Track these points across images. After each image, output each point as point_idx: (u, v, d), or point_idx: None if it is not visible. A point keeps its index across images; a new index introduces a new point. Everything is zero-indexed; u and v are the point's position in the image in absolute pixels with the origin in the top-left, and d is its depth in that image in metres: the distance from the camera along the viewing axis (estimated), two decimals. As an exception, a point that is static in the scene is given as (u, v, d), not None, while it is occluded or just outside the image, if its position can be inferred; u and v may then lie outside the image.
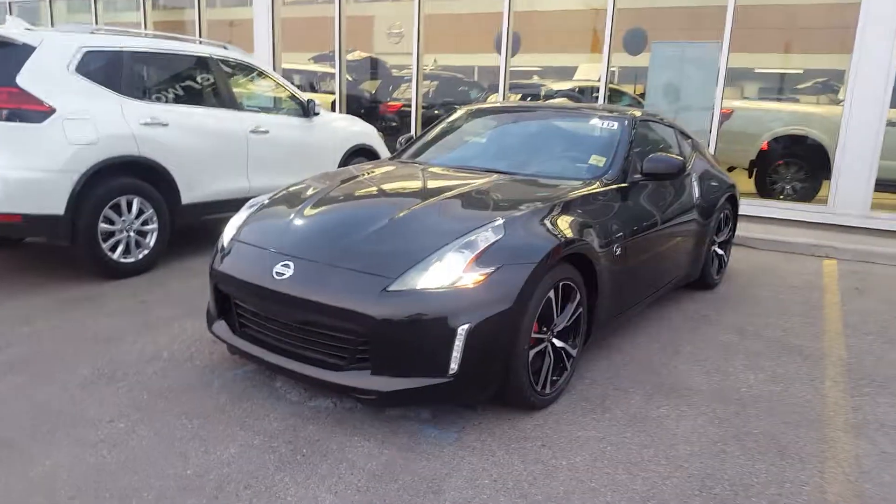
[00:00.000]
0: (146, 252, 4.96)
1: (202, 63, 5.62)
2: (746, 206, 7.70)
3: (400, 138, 4.75)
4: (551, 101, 9.35)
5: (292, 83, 6.84)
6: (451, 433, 2.73)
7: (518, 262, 2.66)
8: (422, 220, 2.93)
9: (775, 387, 3.29)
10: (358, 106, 11.71)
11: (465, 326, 2.51)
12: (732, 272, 5.56)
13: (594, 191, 3.38)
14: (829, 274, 5.68)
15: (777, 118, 8.56)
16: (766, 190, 8.45)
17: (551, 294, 2.83)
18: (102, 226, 4.65)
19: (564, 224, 2.97)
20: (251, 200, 3.56)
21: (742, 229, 6.75)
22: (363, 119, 7.72)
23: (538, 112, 4.32)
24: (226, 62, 5.84)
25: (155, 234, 5.01)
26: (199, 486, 2.33)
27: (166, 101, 5.21)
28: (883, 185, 7.30)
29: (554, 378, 3.01)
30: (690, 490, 2.39)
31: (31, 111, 4.33)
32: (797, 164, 8.32)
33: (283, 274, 2.76)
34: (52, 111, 4.37)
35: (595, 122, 3.97)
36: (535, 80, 11.52)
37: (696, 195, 4.44)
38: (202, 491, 2.30)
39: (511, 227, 2.80)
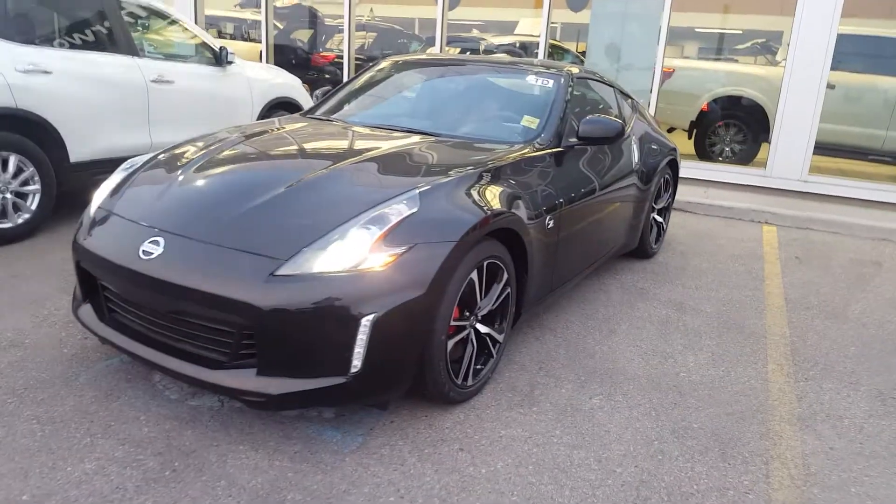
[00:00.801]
0: (27, 216, 4.34)
1: (94, 3, 4.91)
2: (686, 169, 7.51)
3: (316, 91, 4.24)
4: (487, 55, 8.88)
5: (220, 31, 6.17)
6: (356, 437, 2.36)
7: (435, 241, 2.27)
8: (324, 189, 2.49)
9: (716, 371, 3.05)
10: (288, 56, 10.95)
11: (370, 317, 2.11)
12: (671, 239, 5.34)
13: (525, 156, 3.01)
14: (768, 241, 5.54)
15: (716, 79, 8.37)
16: (705, 152, 8.30)
17: (474, 275, 2.46)
18: (-30, 186, 4.02)
19: (490, 194, 2.59)
20: (128, 161, 3.04)
21: (681, 193, 6.56)
22: (293, 70, 7.10)
23: (468, 66, 3.88)
24: (124, 4, 5.13)
25: (37, 197, 4.38)
26: (34, 518, 1.89)
27: (51, 46, 4.52)
28: (821, 149, 7.22)
29: (478, 367, 2.67)
30: (623, 501, 2.10)
31: None
32: (736, 126, 8.18)
33: (152, 253, 2.29)
34: None
35: (529, 79, 3.57)
36: (475, 33, 11.02)
37: (636, 159, 4.13)
38: (37, 525, 1.87)
39: (428, 198, 2.39)
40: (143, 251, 2.31)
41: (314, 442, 2.31)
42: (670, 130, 8.71)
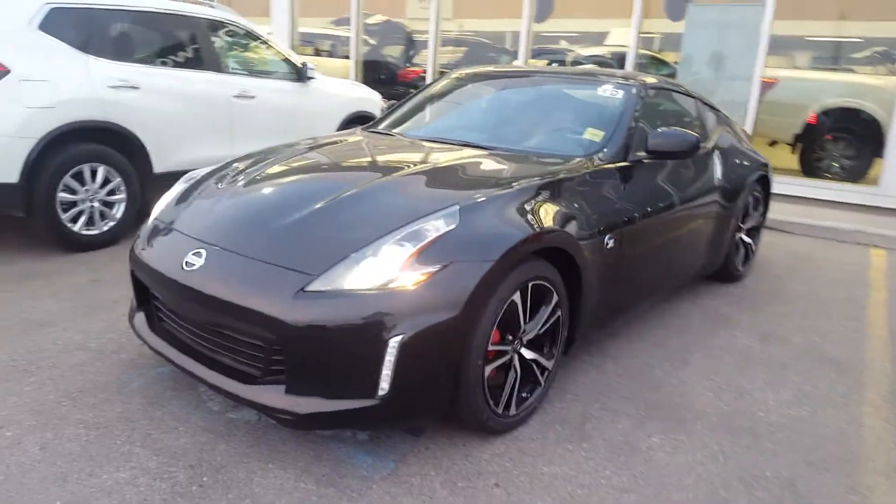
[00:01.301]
0: (112, 224, 4.57)
1: (183, 22, 5.14)
2: (787, 185, 6.98)
3: (383, 105, 4.21)
4: (560, 67, 8.65)
5: (317, 49, 6.34)
6: (387, 462, 2.25)
7: (471, 259, 2.13)
8: (365, 203, 2.41)
9: (800, 411, 2.72)
10: (378, 71, 11.16)
11: (398, 338, 2.00)
12: (764, 261, 4.92)
13: (584, 171, 2.81)
14: (876, 266, 5.00)
15: (825, 89, 7.73)
16: (810, 167, 7.67)
17: (517, 297, 2.30)
18: (62, 195, 4.26)
19: (538, 211, 2.42)
20: (189, 173, 3.10)
21: (779, 211, 6.08)
22: (382, 85, 7.19)
23: (535, 78, 3.72)
24: (210, 22, 5.35)
25: (122, 206, 4.61)
26: (59, 526, 1.90)
27: (140, 63, 4.76)
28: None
29: (523, 395, 2.50)
30: (672, 559, 1.87)
31: (-18, 71, 3.93)
32: (846, 140, 7.51)
33: (193, 265, 2.29)
34: (6, 71, 3.96)
35: (598, 90, 3.36)
36: (563, 45, 10.79)
37: (719, 175, 3.82)
38: (60, 534, 1.87)
39: (469, 214, 2.26)
40: (186, 262, 2.31)
41: (344, 465, 2.22)
42: (772, 144, 8.16)
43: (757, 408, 2.74)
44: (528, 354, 2.46)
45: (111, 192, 4.54)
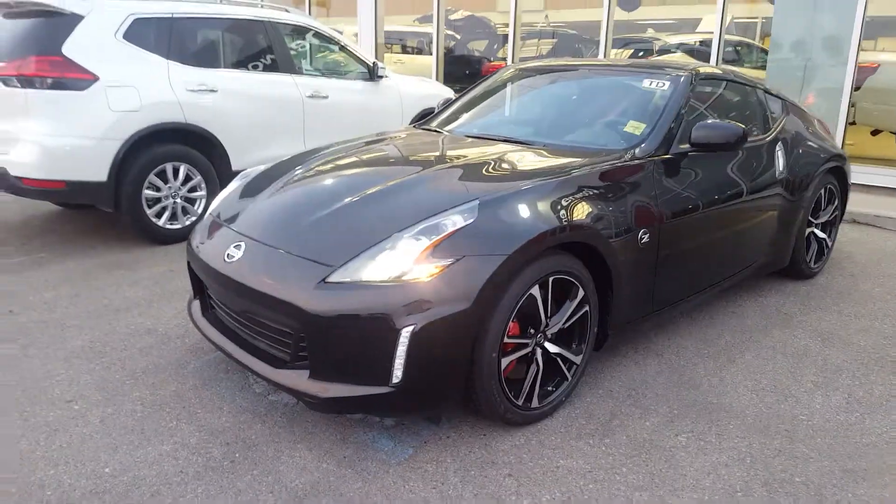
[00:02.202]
0: (193, 219, 4.93)
1: (257, 27, 5.44)
2: (888, 178, 6.52)
3: (439, 101, 4.30)
4: (622, 59, 8.39)
5: (404, 46, 6.53)
6: (407, 448, 2.34)
7: (484, 253, 2.18)
8: (391, 198, 2.50)
9: (847, 416, 2.58)
10: (462, 66, 11.27)
11: (410, 328, 2.08)
12: (843, 258, 4.64)
13: (619, 164, 2.78)
14: (974, 266, 4.58)
15: (939, 73, 7.12)
16: (918, 158, 7.11)
17: (535, 291, 2.32)
18: (147, 192, 4.65)
19: (561, 206, 2.43)
20: (245, 171, 3.31)
21: (873, 205, 5.69)
22: (467, 80, 7.28)
23: (586, 71, 3.68)
24: (284, 26, 5.63)
25: (203, 202, 4.95)
26: (105, 489, 2.12)
27: (218, 67, 5.09)
28: None
29: (549, 389, 2.52)
30: (672, 558, 1.85)
31: (74, 79, 4.34)
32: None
33: (233, 256, 2.47)
34: (95, 79, 4.36)
35: (645, 82, 3.29)
36: (651, 33, 10.47)
37: (781, 167, 3.64)
38: (104, 496, 2.08)
39: (488, 209, 2.31)
40: (228, 254, 2.49)
41: (365, 449, 2.33)
42: (875, 133, 7.61)
43: (800, 411, 2.62)
44: (552, 349, 2.48)
45: (193, 189, 4.89)
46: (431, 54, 10.89)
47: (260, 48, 5.45)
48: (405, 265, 2.15)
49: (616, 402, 2.67)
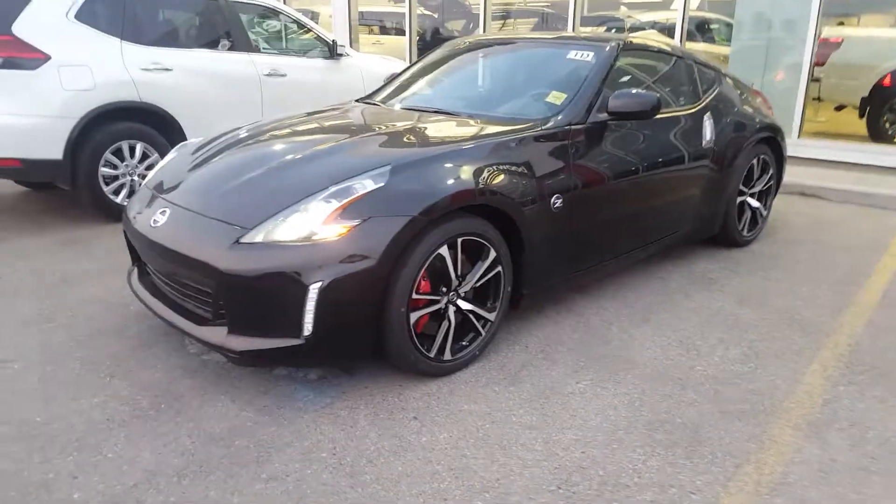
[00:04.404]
0: (151, 196, 5.04)
1: (212, 6, 5.52)
2: (850, 152, 6.73)
3: (386, 76, 4.42)
4: (552, 32, 8.50)
5: (382, 27, 6.60)
6: (325, 398, 2.51)
7: (389, 214, 2.33)
8: (310, 164, 2.65)
9: (741, 367, 2.77)
10: (435, 46, 11.32)
11: (318, 284, 2.24)
12: (781, 226, 4.84)
13: (534, 133, 2.93)
14: (903, 233, 4.78)
15: (899, 48, 7.25)
16: (881, 132, 7.26)
17: (444, 251, 2.48)
18: (104, 170, 4.75)
19: (471, 171, 2.58)
20: (185, 142, 3.44)
21: (821, 177, 5.89)
22: None
23: (517, 45, 3.81)
24: (241, 5, 5.71)
25: (160, 179, 5.06)
26: (34, 434, 2.27)
27: (172, 46, 5.18)
28: None
29: (464, 343, 2.69)
30: (546, 484, 2.02)
31: (25, 58, 4.42)
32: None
33: (158, 221, 2.61)
34: (46, 58, 4.44)
35: (570, 54, 3.44)
36: (623, 11, 10.55)
37: (709, 137, 3.80)
38: (33, 440, 2.24)
39: (399, 173, 2.46)
40: (154, 220, 2.64)
41: (286, 399, 2.50)
42: (839, 108, 7.76)
43: (698, 363, 2.80)
44: (464, 306, 2.64)
45: (150, 167, 4.99)
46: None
47: (215, 27, 5.53)
48: (314, 226, 2.30)
49: (529, 356, 2.85)
